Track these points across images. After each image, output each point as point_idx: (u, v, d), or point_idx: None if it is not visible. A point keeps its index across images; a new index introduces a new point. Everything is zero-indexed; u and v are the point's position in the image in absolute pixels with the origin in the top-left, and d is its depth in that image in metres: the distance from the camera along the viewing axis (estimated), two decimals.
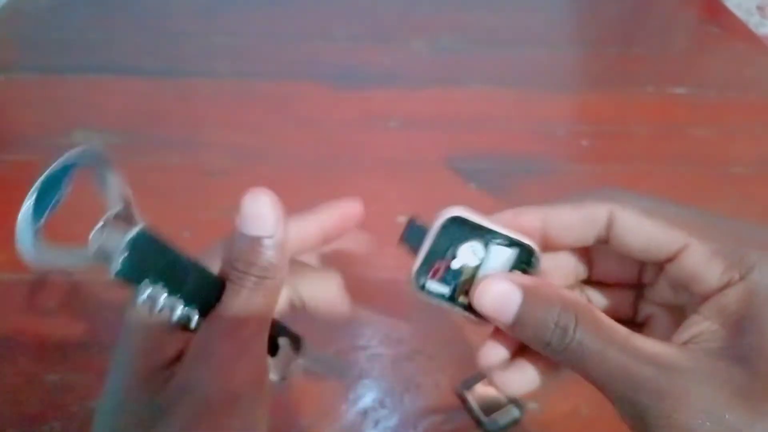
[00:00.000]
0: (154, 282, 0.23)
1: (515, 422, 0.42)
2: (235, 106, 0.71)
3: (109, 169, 0.24)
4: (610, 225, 0.23)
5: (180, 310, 0.23)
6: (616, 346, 0.21)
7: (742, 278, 0.21)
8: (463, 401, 0.43)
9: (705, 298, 0.22)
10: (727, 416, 0.19)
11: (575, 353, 0.21)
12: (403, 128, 0.69)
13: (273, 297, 0.24)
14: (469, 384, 0.44)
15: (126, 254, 0.23)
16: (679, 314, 0.24)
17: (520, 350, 0.25)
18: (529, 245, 0.24)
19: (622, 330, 0.21)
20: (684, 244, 0.22)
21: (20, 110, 0.71)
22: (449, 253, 0.24)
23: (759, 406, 0.19)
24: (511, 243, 0.24)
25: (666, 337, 0.22)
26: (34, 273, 0.51)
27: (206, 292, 0.24)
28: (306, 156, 0.65)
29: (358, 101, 0.73)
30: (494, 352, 0.24)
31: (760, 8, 1.15)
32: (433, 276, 0.24)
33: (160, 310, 0.23)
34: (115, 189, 0.24)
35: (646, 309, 0.26)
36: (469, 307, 0.24)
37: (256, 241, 0.23)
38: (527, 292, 0.22)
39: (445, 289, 0.24)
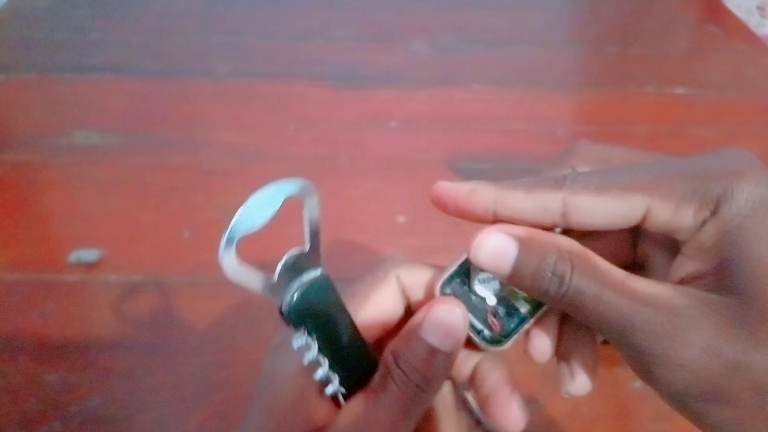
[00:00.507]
0: (311, 334, 0.23)
1: None
2: (235, 106, 0.71)
3: (315, 207, 0.23)
4: (564, 213, 0.23)
5: (332, 379, 0.23)
6: (612, 289, 0.21)
7: (713, 214, 0.21)
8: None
9: (690, 240, 0.22)
10: (724, 349, 0.20)
11: (573, 300, 0.21)
12: (403, 128, 0.69)
13: (422, 412, 0.23)
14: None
15: (299, 295, 0.23)
16: (675, 250, 0.23)
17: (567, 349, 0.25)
18: None
19: (619, 273, 0.22)
20: (647, 206, 0.22)
21: (20, 110, 0.71)
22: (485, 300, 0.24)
23: (755, 334, 0.20)
24: None
25: (665, 275, 0.23)
26: (38, 274, 0.51)
27: (358, 366, 0.24)
28: (306, 156, 0.65)
29: (358, 101, 0.73)
30: (540, 343, 0.25)
31: (760, 8, 1.15)
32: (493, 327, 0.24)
33: (310, 364, 0.23)
34: (313, 227, 0.24)
35: (643, 248, 0.25)
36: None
37: (432, 353, 0.22)
38: (522, 243, 0.22)
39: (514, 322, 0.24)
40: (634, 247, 0.26)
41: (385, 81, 0.76)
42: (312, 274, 0.23)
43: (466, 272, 0.24)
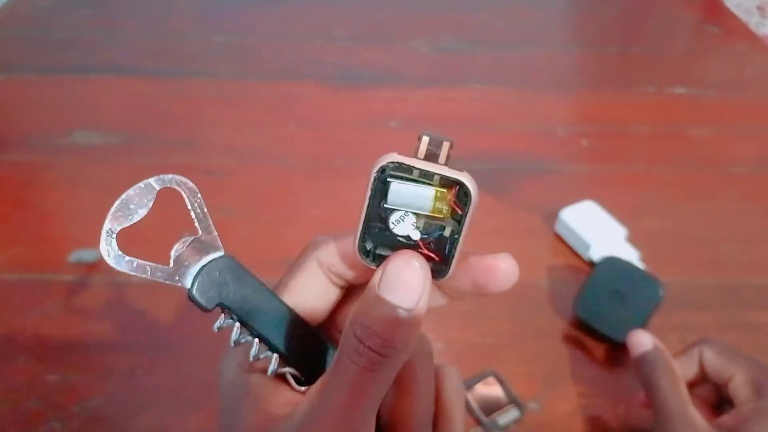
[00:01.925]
0: (230, 315, 0.23)
1: (515, 422, 0.42)
2: (235, 106, 0.72)
3: (197, 196, 0.24)
4: (701, 358, 0.40)
5: (274, 362, 0.23)
6: (677, 400, 0.36)
7: (755, 401, 0.36)
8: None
9: (738, 407, 0.37)
10: None
11: (653, 386, 0.37)
12: (403, 128, 0.69)
13: (390, 381, 0.21)
14: (469, 384, 0.44)
15: (201, 276, 0.22)
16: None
17: None
18: (462, 182, 0.22)
19: (687, 398, 0.36)
20: (732, 374, 0.38)
21: (20, 110, 0.71)
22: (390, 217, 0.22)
23: None
24: (448, 182, 0.22)
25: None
26: (38, 274, 0.51)
27: (299, 342, 0.23)
28: (306, 156, 0.65)
29: (358, 101, 0.73)
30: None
31: (760, 8, 1.15)
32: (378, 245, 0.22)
33: (255, 359, 0.22)
34: (199, 214, 0.24)
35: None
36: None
37: (392, 311, 0.20)
38: (654, 347, 0.40)
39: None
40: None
41: (385, 81, 0.76)
42: (212, 256, 0.23)
43: (378, 219, 0.21)
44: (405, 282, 0.20)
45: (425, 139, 0.22)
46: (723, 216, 0.60)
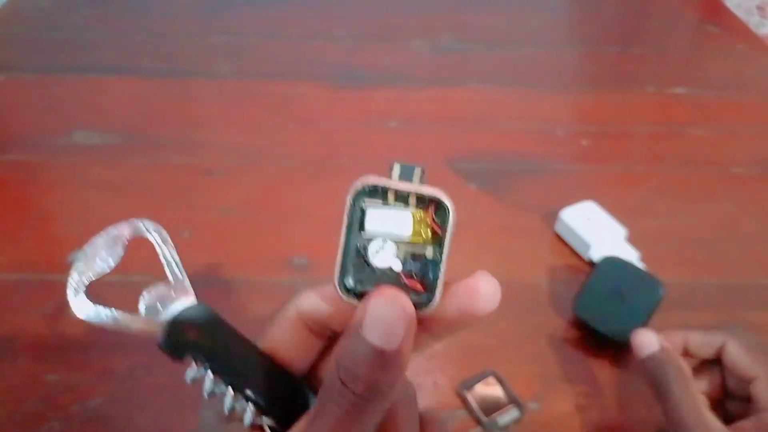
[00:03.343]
0: (203, 364, 0.22)
1: (515, 422, 0.42)
2: (235, 106, 0.72)
3: (167, 242, 0.23)
4: (723, 348, 0.39)
5: (250, 413, 0.22)
6: (691, 404, 0.35)
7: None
8: (463, 401, 0.43)
9: (759, 410, 0.36)
10: None
11: (665, 392, 0.37)
12: (403, 128, 0.69)
13: (374, 424, 0.20)
14: (469, 384, 0.44)
15: (170, 324, 0.21)
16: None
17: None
18: (442, 201, 0.21)
19: (702, 401, 0.36)
20: (756, 375, 0.37)
21: (20, 110, 0.71)
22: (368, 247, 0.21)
23: None
24: (425, 199, 0.21)
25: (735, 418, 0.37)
26: (38, 274, 0.51)
27: (275, 390, 0.22)
28: (306, 156, 0.65)
29: (358, 101, 0.73)
30: None
31: (760, 8, 1.15)
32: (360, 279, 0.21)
33: (231, 410, 0.22)
34: (169, 260, 0.23)
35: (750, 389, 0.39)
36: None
37: (376, 353, 0.19)
38: (662, 347, 0.39)
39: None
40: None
41: (385, 81, 0.76)
42: (182, 303, 0.22)
43: (356, 253, 0.21)
44: (388, 322, 0.19)
45: (396, 167, 0.21)
46: (723, 216, 0.60)
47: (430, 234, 0.21)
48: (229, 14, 0.90)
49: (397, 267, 0.20)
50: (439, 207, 0.21)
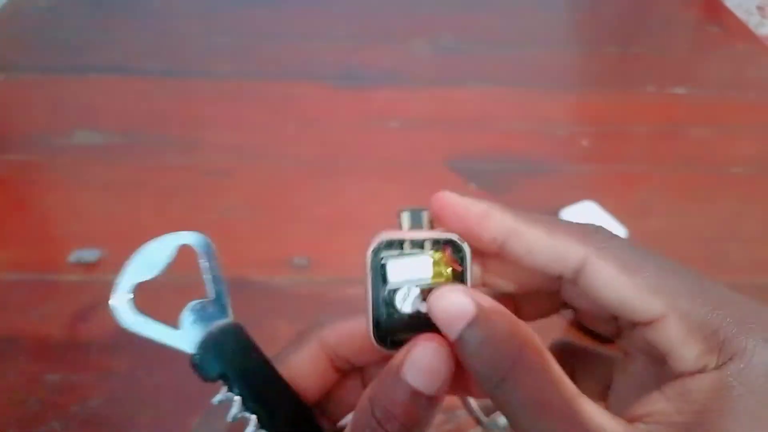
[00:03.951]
0: (231, 387, 0.22)
1: None
2: (235, 106, 0.71)
3: (212, 258, 0.23)
4: (580, 270, 0.20)
5: None
6: (557, 404, 0.18)
7: (717, 367, 0.18)
8: (463, 401, 0.43)
9: (675, 376, 0.19)
10: None
11: (506, 395, 0.19)
12: (403, 128, 0.69)
13: None
14: None
15: (207, 344, 0.22)
16: (654, 365, 0.21)
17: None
18: (455, 241, 0.22)
19: (571, 388, 0.19)
20: (660, 314, 0.19)
21: (20, 110, 0.71)
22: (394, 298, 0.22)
23: None
24: (440, 241, 0.22)
25: (622, 402, 0.21)
26: (38, 274, 0.51)
27: (296, 422, 0.23)
28: (306, 156, 0.65)
29: (358, 101, 0.73)
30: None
31: (760, 8, 1.15)
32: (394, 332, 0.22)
33: (235, 421, 0.22)
34: (214, 277, 0.23)
35: (625, 344, 0.23)
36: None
37: (415, 397, 0.20)
38: (481, 311, 0.20)
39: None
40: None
41: (385, 81, 0.76)
42: (220, 323, 0.22)
43: (384, 305, 0.22)
44: (430, 368, 0.20)
45: (405, 215, 0.23)
46: (723, 216, 0.60)
47: (450, 272, 0.22)
48: (229, 14, 0.90)
49: (425, 309, 0.21)
50: (453, 245, 0.22)
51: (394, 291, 0.21)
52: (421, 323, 0.21)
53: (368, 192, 0.60)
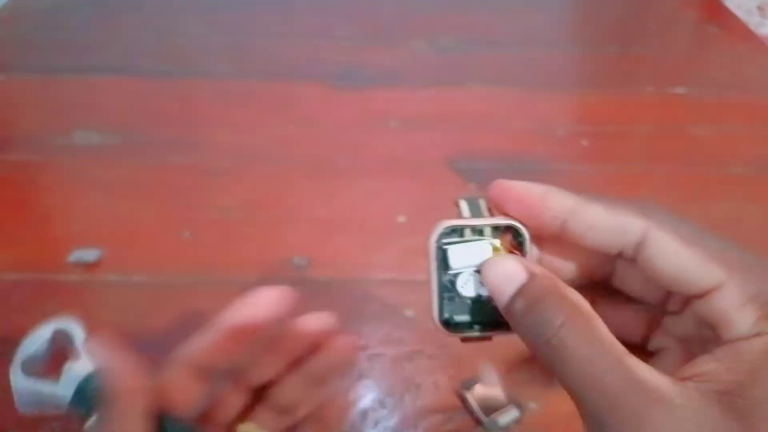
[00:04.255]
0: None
1: (515, 422, 0.42)
2: (235, 106, 0.71)
3: (80, 337, 0.31)
4: (641, 243, 0.21)
5: None
6: (606, 359, 0.19)
7: None
8: (463, 401, 0.43)
9: (728, 342, 0.19)
10: None
11: (554, 352, 0.19)
12: (403, 128, 0.69)
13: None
14: (469, 384, 0.44)
15: (76, 392, 0.28)
16: (696, 350, 0.21)
17: None
18: (515, 226, 0.23)
19: (619, 347, 0.19)
20: (719, 283, 0.20)
21: (20, 110, 0.71)
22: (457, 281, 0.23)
23: None
24: (499, 228, 0.23)
25: (672, 364, 0.21)
26: (38, 274, 0.51)
27: None
28: (306, 156, 0.65)
29: (358, 101, 0.73)
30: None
31: (760, 8, 1.15)
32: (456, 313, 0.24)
33: None
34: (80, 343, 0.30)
35: (660, 340, 0.23)
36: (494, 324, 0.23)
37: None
38: (532, 277, 0.21)
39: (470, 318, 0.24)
40: (646, 334, 0.24)
41: (385, 81, 0.76)
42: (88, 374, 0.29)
43: (446, 289, 0.23)
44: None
45: (463, 203, 0.24)
46: (723, 216, 0.60)
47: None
48: (229, 14, 0.90)
49: (485, 293, 0.23)
50: (514, 230, 0.23)
51: (456, 276, 0.23)
52: (482, 307, 0.23)
53: (368, 192, 0.60)
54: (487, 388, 0.44)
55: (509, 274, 0.21)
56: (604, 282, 0.24)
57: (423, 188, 0.60)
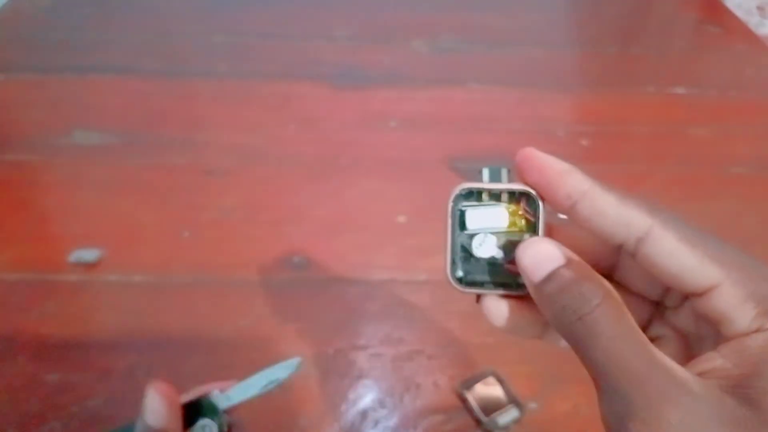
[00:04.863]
0: None
1: (515, 422, 0.42)
2: (235, 106, 0.71)
3: None
4: (642, 239, 0.22)
5: None
6: (634, 342, 0.20)
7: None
8: (463, 401, 0.43)
9: (729, 338, 0.21)
10: None
11: (587, 328, 0.20)
12: (403, 128, 0.69)
13: None
14: (469, 384, 0.44)
15: None
16: (693, 342, 0.23)
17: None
18: (531, 193, 0.24)
19: (644, 336, 0.20)
20: (718, 282, 0.21)
21: (20, 110, 0.71)
22: (472, 242, 0.24)
23: None
24: (515, 194, 0.24)
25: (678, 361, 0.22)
26: (38, 274, 0.51)
27: None
28: (306, 156, 0.65)
29: (358, 101, 0.73)
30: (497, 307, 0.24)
31: (760, 8, 1.15)
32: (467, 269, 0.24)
33: None
34: None
35: (658, 329, 0.25)
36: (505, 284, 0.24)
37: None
38: (570, 261, 0.22)
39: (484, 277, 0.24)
40: (647, 323, 0.25)
41: (385, 81, 0.76)
42: None
43: (461, 249, 0.24)
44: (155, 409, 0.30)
45: (485, 170, 0.25)
46: (723, 216, 0.60)
47: (524, 223, 0.24)
48: (229, 14, 0.90)
49: (499, 255, 0.24)
50: (529, 197, 0.24)
51: (471, 237, 0.24)
52: (494, 267, 0.24)
53: (368, 192, 0.60)
54: (487, 387, 0.44)
55: (548, 255, 0.22)
56: (606, 276, 0.25)
57: (423, 188, 0.60)
